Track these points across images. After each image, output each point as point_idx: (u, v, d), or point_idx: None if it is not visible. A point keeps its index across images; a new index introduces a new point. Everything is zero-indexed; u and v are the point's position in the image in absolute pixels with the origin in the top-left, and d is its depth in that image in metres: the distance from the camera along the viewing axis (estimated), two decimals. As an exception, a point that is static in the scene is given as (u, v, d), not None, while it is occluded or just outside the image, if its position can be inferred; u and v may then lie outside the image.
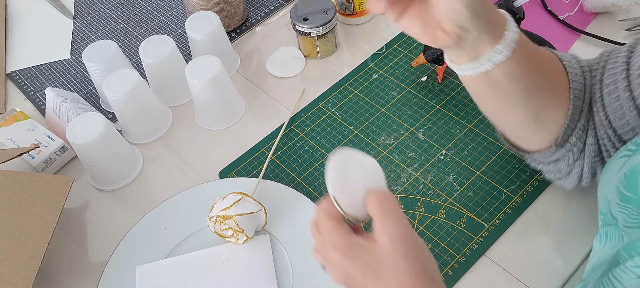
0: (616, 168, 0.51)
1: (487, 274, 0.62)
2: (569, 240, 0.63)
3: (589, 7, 0.85)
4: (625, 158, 0.50)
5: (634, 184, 0.47)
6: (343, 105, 0.81)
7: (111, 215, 0.74)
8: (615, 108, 0.55)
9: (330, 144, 0.77)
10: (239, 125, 0.82)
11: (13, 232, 0.62)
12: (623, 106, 0.54)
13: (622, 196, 0.48)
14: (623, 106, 0.54)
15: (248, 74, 0.89)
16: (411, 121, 0.78)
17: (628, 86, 0.53)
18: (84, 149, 0.72)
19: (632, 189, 0.47)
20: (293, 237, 0.67)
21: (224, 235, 0.66)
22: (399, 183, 0.71)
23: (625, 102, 0.53)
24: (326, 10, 0.85)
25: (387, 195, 0.47)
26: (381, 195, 0.47)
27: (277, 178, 0.74)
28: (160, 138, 0.82)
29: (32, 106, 0.90)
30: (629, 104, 0.53)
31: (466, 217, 0.66)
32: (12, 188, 0.65)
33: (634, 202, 0.47)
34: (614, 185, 0.50)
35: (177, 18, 1.01)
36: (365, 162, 0.49)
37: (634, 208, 0.47)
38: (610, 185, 0.51)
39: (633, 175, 0.47)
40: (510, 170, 0.70)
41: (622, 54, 0.55)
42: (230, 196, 0.65)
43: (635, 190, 0.47)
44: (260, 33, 0.95)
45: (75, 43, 1.00)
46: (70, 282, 0.68)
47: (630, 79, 0.53)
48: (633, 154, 0.49)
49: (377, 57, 0.87)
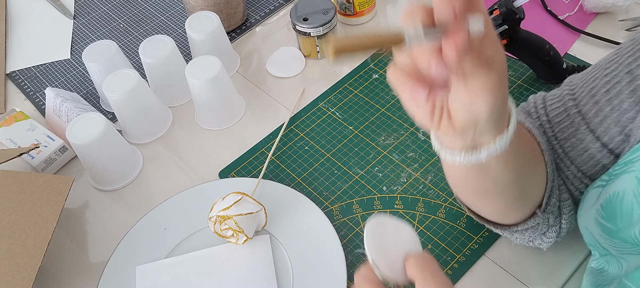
0: (592, 200, 0.50)
1: (487, 274, 0.62)
2: (569, 240, 0.63)
3: (589, 7, 0.85)
4: (599, 189, 0.49)
5: (612, 215, 0.47)
6: (343, 105, 0.81)
7: (111, 215, 0.74)
8: (586, 158, 0.53)
9: (330, 144, 0.77)
10: (239, 125, 0.82)
11: (13, 232, 0.62)
12: (595, 155, 0.52)
13: (604, 228, 0.48)
14: (595, 155, 0.52)
15: (248, 74, 0.89)
16: (411, 121, 0.77)
17: (595, 137, 0.51)
18: (84, 149, 0.72)
19: (610, 220, 0.47)
20: (293, 237, 0.67)
21: (224, 235, 0.65)
22: (399, 183, 0.71)
23: (597, 152, 0.52)
24: (326, 10, 0.85)
25: (426, 257, 0.45)
26: (421, 257, 0.45)
27: (277, 178, 0.74)
28: (160, 138, 0.82)
29: (32, 106, 0.90)
30: (595, 146, 0.51)
31: (466, 217, 0.66)
32: (12, 188, 0.65)
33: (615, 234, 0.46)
34: (593, 218, 0.49)
35: (177, 18, 1.01)
36: (400, 226, 0.49)
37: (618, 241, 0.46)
38: (588, 217, 0.51)
39: (610, 205, 0.47)
40: (510, 170, 0.70)
41: (566, 105, 0.53)
42: (231, 196, 0.65)
43: (613, 221, 0.46)
44: (260, 33, 0.95)
45: (75, 43, 1.00)
46: (70, 282, 0.68)
47: (596, 134, 0.51)
48: (606, 184, 0.48)
49: (377, 57, 0.87)
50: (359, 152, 0.75)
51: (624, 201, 0.45)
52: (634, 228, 0.44)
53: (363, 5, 0.90)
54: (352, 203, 0.70)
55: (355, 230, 0.67)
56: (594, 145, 0.52)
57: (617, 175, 0.47)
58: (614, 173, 0.48)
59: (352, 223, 0.68)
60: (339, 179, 0.73)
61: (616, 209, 0.46)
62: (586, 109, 0.52)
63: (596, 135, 0.51)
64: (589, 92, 0.52)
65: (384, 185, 0.71)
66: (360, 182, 0.72)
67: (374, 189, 0.71)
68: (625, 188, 0.45)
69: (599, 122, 0.51)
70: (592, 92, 0.51)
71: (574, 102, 0.53)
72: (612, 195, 0.47)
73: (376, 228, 0.48)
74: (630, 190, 0.45)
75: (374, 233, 0.48)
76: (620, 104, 0.48)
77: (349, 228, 0.68)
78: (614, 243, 0.47)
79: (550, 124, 0.55)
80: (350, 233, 0.67)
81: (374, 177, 0.72)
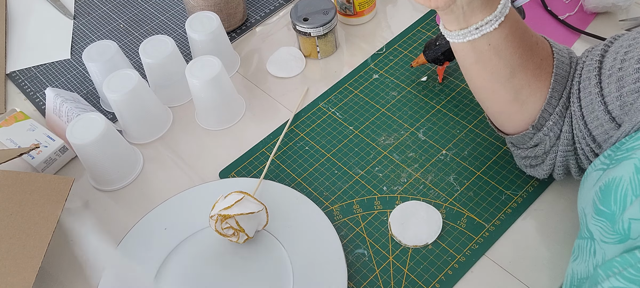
0: (592, 181, 0.51)
1: (487, 274, 0.62)
2: (569, 240, 0.63)
3: (589, 7, 0.85)
4: (600, 171, 0.51)
5: (607, 199, 0.47)
6: (343, 105, 0.81)
7: (111, 215, 0.74)
8: (587, 102, 0.56)
9: (330, 144, 0.77)
10: (239, 125, 0.82)
11: (13, 232, 0.62)
12: (593, 101, 0.55)
13: (596, 209, 0.49)
14: (593, 101, 0.55)
15: (248, 74, 0.89)
16: (411, 121, 0.78)
17: (598, 83, 0.54)
18: (84, 149, 0.72)
19: (605, 203, 0.47)
20: (293, 237, 0.67)
21: (225, 233, 0.65)
22: (399, 183, 0.71)
23: (595, 98, 0.54)
24: (326, 10, 0.85)
25: None
26: None
27: (277, 178, 0.74)
28: (161, 138, 0.82)
29: (32, 106, 0.90)
30: (597, 99, 0.54)
31: (466, 217, 0.66)
32: (12, 188, 0.65)
33: (607, 216, 0.47)
34: (591, 199, 0.50)
35: (177, 18, 1.01)
36: None
37: (608, 222, 0.47)
38: (587, 198, 0.52)
39: (607, 189, 0.48)
40: (510, 170, 0.70)
41: (598, 51, 0.57)
42: (232, 195, 0.65)
43: (608, 204, 0.47)
44: (260, 33, 0.95)
45: (75, 43, 1.00)
46: (70, 282, 0.68)
47: (601, 78, 0.54)
48: (607, 168, 0.50)
49: (377, 57, 0.87)
50: (359, 152, 0.75)
51: (619, 186, 0.46)
52: (624, 215, 0.45)
53: (363, 6, 0.90)
54: (353, 204, 0.70)
55: (356, 230, 0.67)
56: (596, 91, 0.54)
57: (619, 160, 0.48)
58: (615, 158, 0.49)
59: (352, 223, 0.68)
60: (339, 179, 0.73)
61: (611, 194, 0.47)
62: (605, 68, 0.54)
63: (601, 88, 0.54)
64: (615, 50, 0.54)
65: (384, 185, 0.71)
66: (360, 182, 0.72)
67: (374, 189, 0.71)
68: (623, 174, 0.46)
69: (606, 82, 0.53)
70: (617, 52, 0.54)
71: (601, 56, 0.56)
72: (610, 180, 0.47)
73: None
74: (628, 176, 0.45)
75: None
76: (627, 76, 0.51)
77: (349, 229, 0.68)
78: (602, 226, 0.48)
79: (584, 63, 0.59)
80: (351, 234, 0.67)
81: (374, 177, 0.72)
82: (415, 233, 0.65)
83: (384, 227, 0.67)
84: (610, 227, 0.46)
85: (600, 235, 0.48)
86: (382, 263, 0.64)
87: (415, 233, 0.65)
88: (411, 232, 0.65)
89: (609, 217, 0.47)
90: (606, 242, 0.47)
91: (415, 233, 0.65)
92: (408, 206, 0.68)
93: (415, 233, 0.65)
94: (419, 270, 0.63)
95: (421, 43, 0.88)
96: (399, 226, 0.66)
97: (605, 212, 0.47)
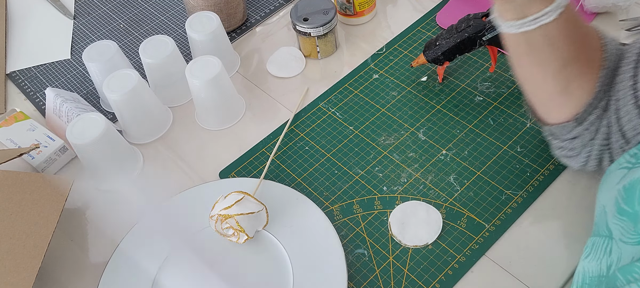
0: (616, 179, 0.51)
1: (487, 274, 0.62)
2: (570, 241, 0.63)
3: (589, 7, 0.85)
4: (625, 170, 0.50)
5: (631, 198, 0.47)
6: (343, 105, 0.81)
7: (111, 215, 0.74)
8: (622, 95, 0.55)
9: (330, 144, 0.77)
10: (239, 125, 0.82)
11: (13, 232, 0.62)
12: (626, 94, 0.54)
13: (619, 209, 0.48)
14: (626, 94, 0.54)
15: (248, 74, 0.89)
16: (411, 121, 0.78)
17: (634, 76, 0.53)
18: (84, 149, 0.72)
19: (629, 203, 0.47)
20: (293, 237, 0.67)
21: (225, 233, 0.66)
22: (400, 183, 0.71)
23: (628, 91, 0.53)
24: (326, 10, 0.85)
25: None
26: None
27: (277, 178, 0.74)
28: (160, 138, 0.82)
29: (32, 106, 0.90)
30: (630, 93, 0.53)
31: (466, 217, 0.66)
32: (12, 188, 0.65)
33: (630, 216, 0.47)
34: (613, 197, 0.50)
35: (177, 18, 1.01)
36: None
37: (630, 223, 0.46)
38: (609, 196, 0.51)
39: (632, 189, 0.47)
40: (510, 170, 0.70)
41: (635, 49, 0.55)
42: (232, 195, 0.65)
43: (632, 204, 0.46)
44: (260, 33, 0.95)
45: (75, 43, 1.00)
46: (70, 282, 0.68)
47: (637, 71, 0.53)
48: (632, 166, 0.49)
49: (377, 57, 0.87)
50: (359, 152, 0.75)
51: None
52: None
53: (363, 6, 0.90)
54: (353, 204, 0.70)
55: (356, 230, 0.67)
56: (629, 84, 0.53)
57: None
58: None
59: (352, 223, 0.68)
60: (339, 179, 0.73)
61: (636, 193, 0.46)
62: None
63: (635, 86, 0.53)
64: None
65: (385, 185, 0.71)
66: (360, 182, 0.72)
67: (374, 189, 0.71)
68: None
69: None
70: None
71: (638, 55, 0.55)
72: (635, 180, 0.47)
73: None
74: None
75: None
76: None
77: (350, 229, 0.68)
78: (623, 225, 0.47)
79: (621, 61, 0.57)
80: (351, 234, 0.67)
81: (374, 177, 0.72)
82: (415, 233, 0.65)
83: (384, 227, 0.67)
84: (632, 227, 0.46)
85: (620, 234, 0.48)
86: (382, 263, 0.64)
87: (415, 233, 0.65)
88: (411, 232, 0.65)
89: (631, 217, 0.46)
90: (625, 242, 0.46)
91: (415, 233, 0.65)
92: (408, 206, 0.68)
93: (415, 233, 0.65)
94: (419, 270, 0.63)
95: (421, 43, 0.88)
96: (399, 226, 0.66)
97: (628, 211, 0.47)
